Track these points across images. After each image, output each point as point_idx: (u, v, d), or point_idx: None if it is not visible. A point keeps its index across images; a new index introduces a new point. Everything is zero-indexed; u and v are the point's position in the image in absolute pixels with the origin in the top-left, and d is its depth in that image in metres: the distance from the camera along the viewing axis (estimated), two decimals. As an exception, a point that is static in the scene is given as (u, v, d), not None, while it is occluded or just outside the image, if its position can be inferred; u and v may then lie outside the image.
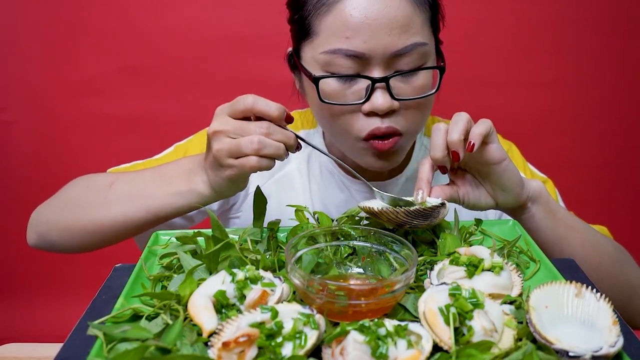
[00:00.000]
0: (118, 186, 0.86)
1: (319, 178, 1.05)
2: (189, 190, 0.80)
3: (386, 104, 0.81)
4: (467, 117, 0.73)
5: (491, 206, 0.80)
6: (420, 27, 0.82)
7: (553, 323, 0.53)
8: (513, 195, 0.78)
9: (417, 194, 0.74)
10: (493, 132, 0.74)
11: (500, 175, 0.76)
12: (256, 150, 0.71)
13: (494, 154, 0.75)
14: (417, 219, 0.69)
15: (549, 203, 0.83)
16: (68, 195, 0.92)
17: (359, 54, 0.79)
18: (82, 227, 0.87)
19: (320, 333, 0.50)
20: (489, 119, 0.74)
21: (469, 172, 0.80)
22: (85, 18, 1.61)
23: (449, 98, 1.03)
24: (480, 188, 0.79)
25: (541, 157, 1.26)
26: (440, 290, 0.55)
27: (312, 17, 0.83)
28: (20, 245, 1.80)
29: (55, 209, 0.92)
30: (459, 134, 0.70)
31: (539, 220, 0.82)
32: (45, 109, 1.69)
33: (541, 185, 0.83)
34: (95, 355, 0.49)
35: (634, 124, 1.71)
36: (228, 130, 0.72)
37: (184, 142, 1.07)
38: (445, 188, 0.77)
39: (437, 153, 0.72)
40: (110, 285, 0.65)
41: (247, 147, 0.71)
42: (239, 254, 0.67)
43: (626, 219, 1.78)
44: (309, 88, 0.88)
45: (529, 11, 1.59)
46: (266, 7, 1.54)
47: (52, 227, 0.91)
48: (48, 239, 0.92)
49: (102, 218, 0.86)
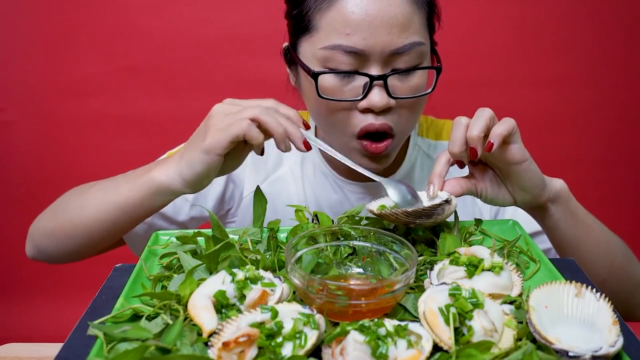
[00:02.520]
0: (96, 188, 0.86)
1: (312, 180, 1.05)
2: (147, 180, 0.78)
3: (383, 101, 0.81)
4: (490, 113, 0.71)
5: (509, 204, 0.79)
6: (419, 26, 0.83)
7: (553, 323, 0.53)
8: (532, 195, 0.77)
9: (428, 188, 0.73)
10: (516, 132, 0.72)
11: (521, 176, 0.75)
12: (253, 114, 0.71)
13: (515, 155, 0.73)
14: (420, 218, 0.69)
15: (569, 203, 0.82)
16: (57, 203, 0.93)
17: (359, 51, 0.80)
18: (61, 229, 0.88)
19: (320, 333, 0.50)
20: (512, 118, 0.72)
21: (490, 167, 0.78)
22: (85, 18, 1.61)
23: (450, 98, 1.03)
24: (500, 185, 0.78)
25: (542, 156, 1.26)
26: (440, 290, 0.55)
27: (312, 12, 0.83)
28: (20, 246, 1.80)
29: (45, 217, 0.93)
30: (479, 130, 0.69)
31: (558, 220, 0.81)
32: (45, 109, 1.69)
33: (563, 185, 0.81)
34: (95, 355, 0.49)
35: (635, 123, 1.71)
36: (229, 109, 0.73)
37: (176, 149, 1.06)
38: (462, 181, 0.76)
39: (455, 148, 0.71)
40: (110, 285, 0.65)
41: (244, 112, 0.71)
42: (239, 254, 0.67)
43: (627, 218, 1.78)
44: (306, 83, 0.88)
45: (530, 10, 1.59)
46: (266, 7, 1.53)
47: (41, 234, 0.92)
48: (40, 247, 0.93)
49: (77, 218, 0.85)
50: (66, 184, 0.96)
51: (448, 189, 0.74)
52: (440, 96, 0.95)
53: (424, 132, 1.08)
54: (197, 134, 0.76)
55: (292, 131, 0.73)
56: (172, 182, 0.76)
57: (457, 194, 0.73)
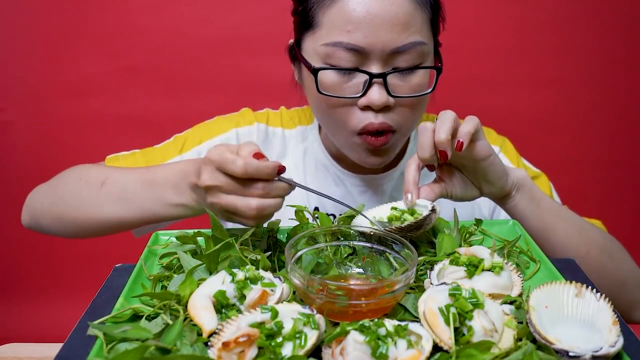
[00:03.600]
0: (110, 186, 0.87)
1: (314, 173, 1.05)
2: (182, 205, 0.78)
3: (382, 99, 0.82)
4: (453, 115, 0.72)
5: (477, 196, 0.81)
6: (421, 26, 0.83)
7: (553, 323, 0.53)
8: (498, 186, 0.80)
9: (405, 198, 0.74)
10: (480, 129, 0.75)
11: (486, 170, 0.77)
12: (255, 215, 0.68)
13: (481, 151, 0.75)
14: (411, 231, 0.69)
15: (533, 191, 0.84)
16: (62, 186, 0.94)
17: (359, 48, 0.80)
18: (73, 220, 0.90)
19: (320, 333, 0.50)
20: (475, 116, 0.75)
21: (454, 167, 0.80)
22: (85, 18, 1.60)
23: (450, 98, 1.03)
24: (467, 182, 0.80)
25: (541, 156, 1.26)
26: (440, 290, 0.55)
27: (315, 9, 0.84)
28: (20, 245, 1.81)
29: (49, 196, 0.94)
30: (446, 133, 0.70)
31: (523, 208, 0.83)
32: (45, 109, 1.69)
33: (525, 174, 0.84)
34: (95, 355, 0.49)
35: (635, 123, 1.71)
36: (221, 187, 0.68)
37: (183, 133, 1.07)
38: (434, 186, 0.78)
39: (425, 153, 0.72)
40: (110, 285, 0.65)
41: (246, 212, 0.68)
42: (239, 254, 0.67)
43: (626, 218, 1.78)
44: (308, 79, 0.88)
45: (530, 11, 1.59)
46: (266, 7, 1.54)
47: (45, 214, 0.94)
48: (40, 224, 0.95)
49: (94, 216, 0.88)
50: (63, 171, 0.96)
51: (423, 196, 0.75)
52: (443, 97, 0.95)
53: None
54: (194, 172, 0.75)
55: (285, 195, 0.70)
56: (198, 206, 0.77)
57: (431, 200, 0.75)
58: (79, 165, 0.97)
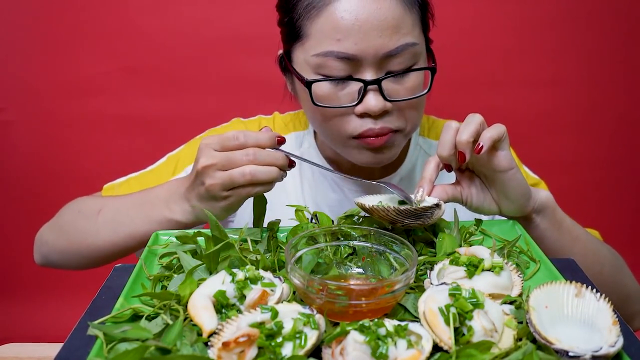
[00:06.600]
0: (105, 213, 0.90)
1: (311, 179, 1.05)
2: (167, 220, 0.82)
3: (379, 105, 0.81)
4: (480, 119, 0.71)
5: (494, 212, 0.79)
6: (411, 27, 0.82)
7: (553, 323, 0.53)
8: (517, 205, 0.77)
9: (417, 192, 0.73)
10: (505, 138, 0.73)
11: (506, 184, 0.75)
12: (249, 180, 0.72)
13: (501, 161, 0.73)
14: (409, 218, 0.69)
15: (555, 214, 0.82)
16: (63, 220, 0.97)
17: (351, 56, 0.79)
18: (76, 252, 0.93)
19: (320, 333, 0.50)
20: (503, 125, 0.73)
21: (476, 175, 0.79)
22: (85, 18, 1.60)
23: (449, 98, 1.03)
24: (486, 193, 0.78)
25: (540, 157, 1.26)
26: (440, 290, 0.55)
27: (302, 19, 0.82)
28: (20, 245, 1.81)
29: (53, 233, 0.97)
30: (468, 135, 0.69)
31: (544, 230, 0.82)
32: (45, 109, 1.69)
33: (548, 196, 0.82)
34: (95, 355, 0.49)
35: (635, 124, 1.71)
36: (217, 164, 0.73)
37: (175, 152, 1.07)
38: (448, 188, 0.76)
39: (443, 151, 0.72)
40: (110, 285, 0.65)
41: (240, 179, 0.72)
42: (239, 254, 0.67)
43: (625, 219, 1.78)
44: (301, 91, 0.88)
45: (529, 10, 1.59)
46: (266, 7, 1.53)
47: (51, 250, 0.96)
48: (51, 260, 0.98)
49: (93, 244, 0.90)
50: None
51: (435, 194, 0.74)
52: (443, 97, 0.95)
53: (425, 132, 1.08)
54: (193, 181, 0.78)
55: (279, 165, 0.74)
56: (187, 220, 0.81)
57: (442, 200, 0.74)
58: (77, 198, 0.99)
